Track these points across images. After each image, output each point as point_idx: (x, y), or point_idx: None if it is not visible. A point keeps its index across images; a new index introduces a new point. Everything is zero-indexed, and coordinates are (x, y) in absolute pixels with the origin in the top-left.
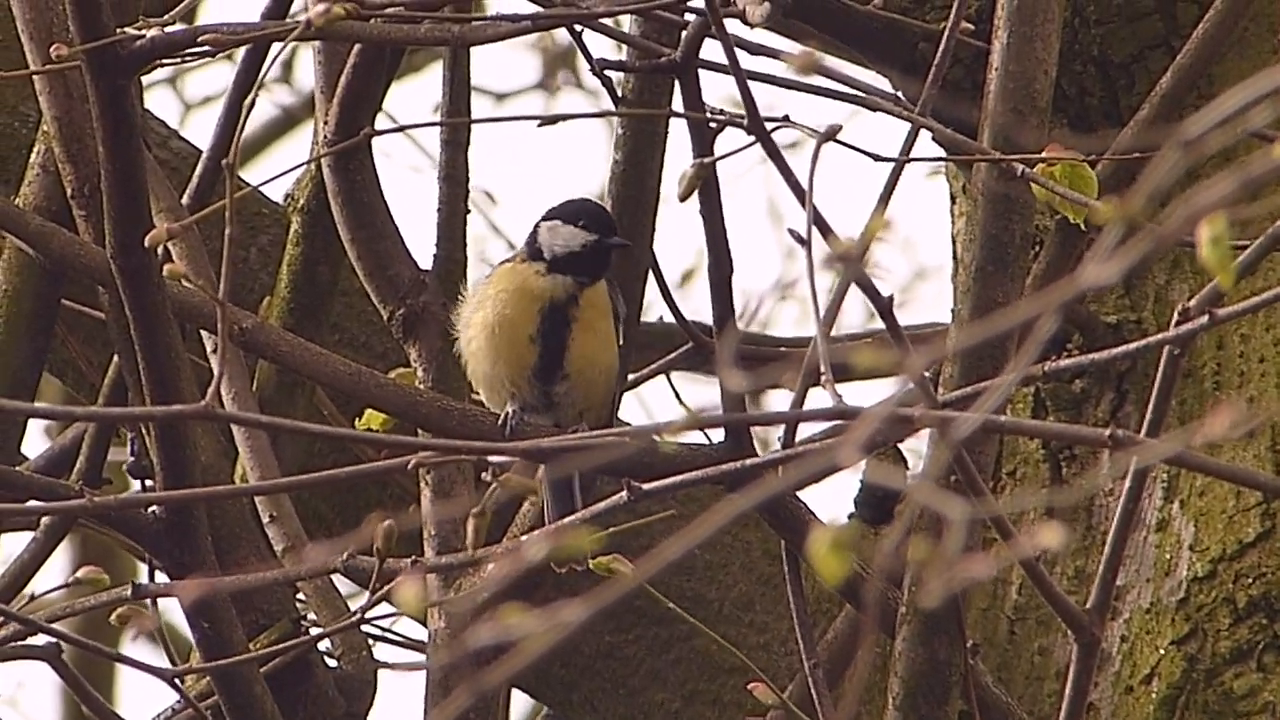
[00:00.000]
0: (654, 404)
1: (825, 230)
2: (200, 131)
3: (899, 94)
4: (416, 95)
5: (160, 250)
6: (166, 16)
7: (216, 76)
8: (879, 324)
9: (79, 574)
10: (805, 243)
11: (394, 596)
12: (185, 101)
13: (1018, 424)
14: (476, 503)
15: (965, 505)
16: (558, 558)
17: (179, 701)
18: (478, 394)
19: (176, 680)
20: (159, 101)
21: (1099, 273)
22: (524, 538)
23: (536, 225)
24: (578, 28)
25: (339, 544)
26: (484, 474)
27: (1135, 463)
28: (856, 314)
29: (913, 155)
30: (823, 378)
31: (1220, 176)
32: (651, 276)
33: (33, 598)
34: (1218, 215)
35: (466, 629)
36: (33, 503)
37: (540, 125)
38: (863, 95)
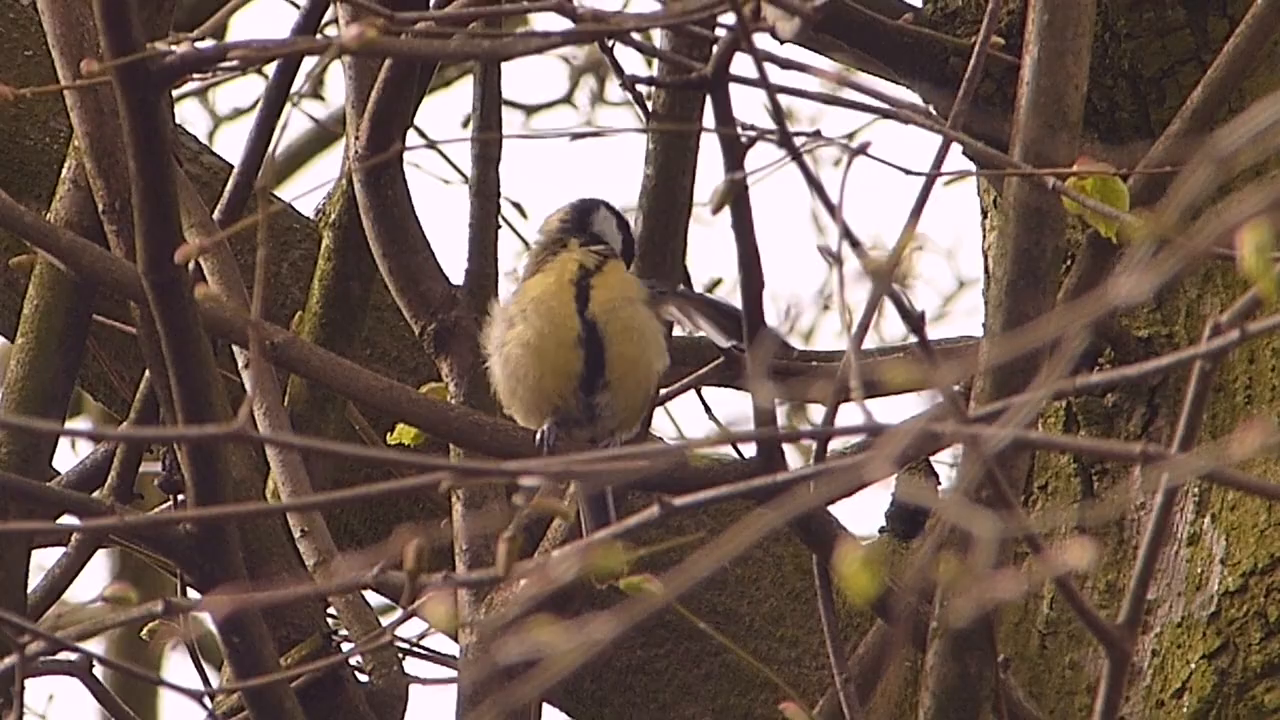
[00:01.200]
0: (685, 417)
1: (856, 244)
2: (230, 144)
3: (930, 108)
4: (448, 108)
5: (191, 265)
6: (196, 32)
7: (247, 89)
8: (913, 340)
9: (106, 592)
10: (836, 258)
11: (425, 613)
12: (215, 115)
13: (1048, 439)
14: (507, 521)
15: (995, 522)
16: (589, 575)
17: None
18: (508, 413)
19: (205, 700)
20: (189, 115)
21: (1131, 288)
22: (555, 553)
23: (558, 221)
24: (609, 42)
25: (370, 558)
26: (515, 494)
27: (1166, 479)
28: (897, 327)
29: (944, 169)
30: (853, 393)
31: (1252, 190)
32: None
33: (59, 616)
34: (1260, 223)
35: (497, 643)
36: (64, 520)
37: (572, 140)
38: (894, 109)
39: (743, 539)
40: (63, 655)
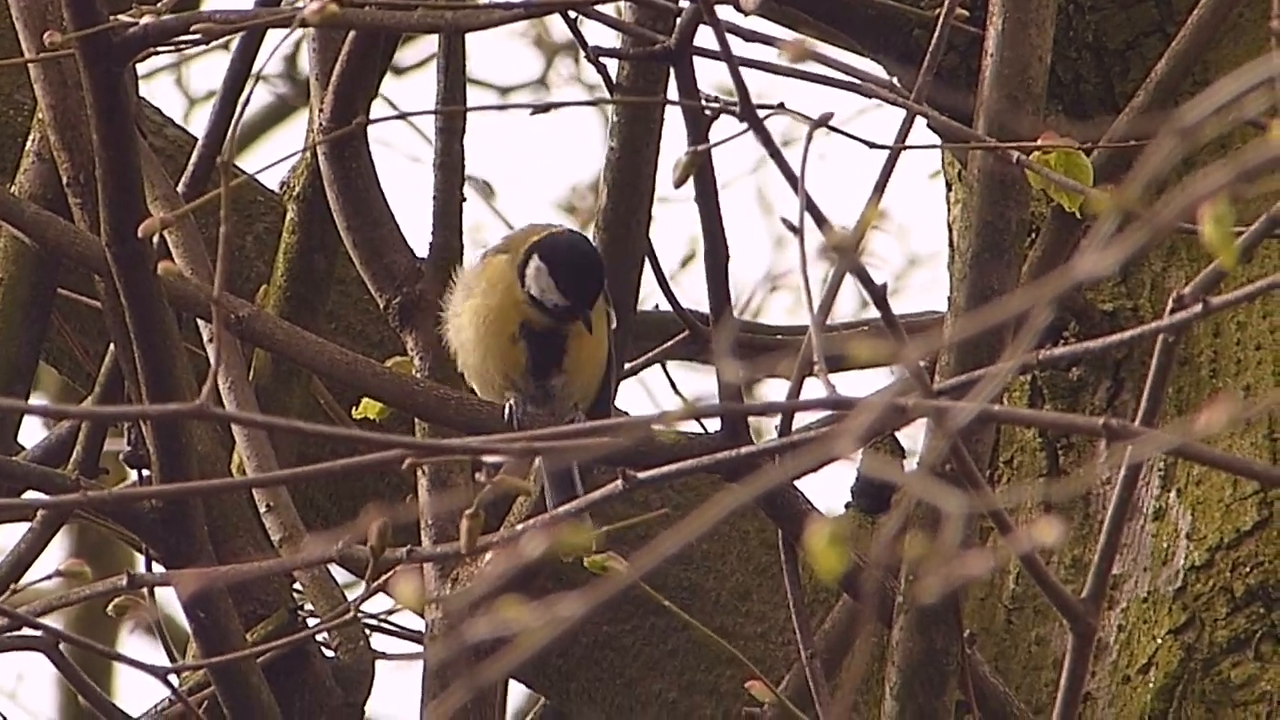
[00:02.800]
0: (653, 390)
1: (820, 219)
2: (201, 123)
3: (894, 81)
4: (421, 86)
5: (156, 239)
6: (161, 4)
7: (220, 70)
8: (872, 312)
9: (61, 567)
10: (798, 231)
11: (392, 591)
12: (189, 95)
13: (1012, 413)
14: (472, 497)
15: (962, 499)
16: (556, 553)
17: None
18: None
19: (170, 677)
20: (164, 96)
21: (1095, 263)
22: (520, 527)
23: (530, 250)
24: (572, 15)
25: (335, 536)
26: (479, 470)
27: (1130, 454)
28: (849, 302)
29: (908, 142)
30: (816, 368)
31: (1216, 164)
32: (648, 265)
33: (13, 590)
34: (1220, 197)
35: (464, 622)
36: (28, 495)
37: (533, 113)
38: (858, 82)
39: (709, 516)
40: (26, 632)
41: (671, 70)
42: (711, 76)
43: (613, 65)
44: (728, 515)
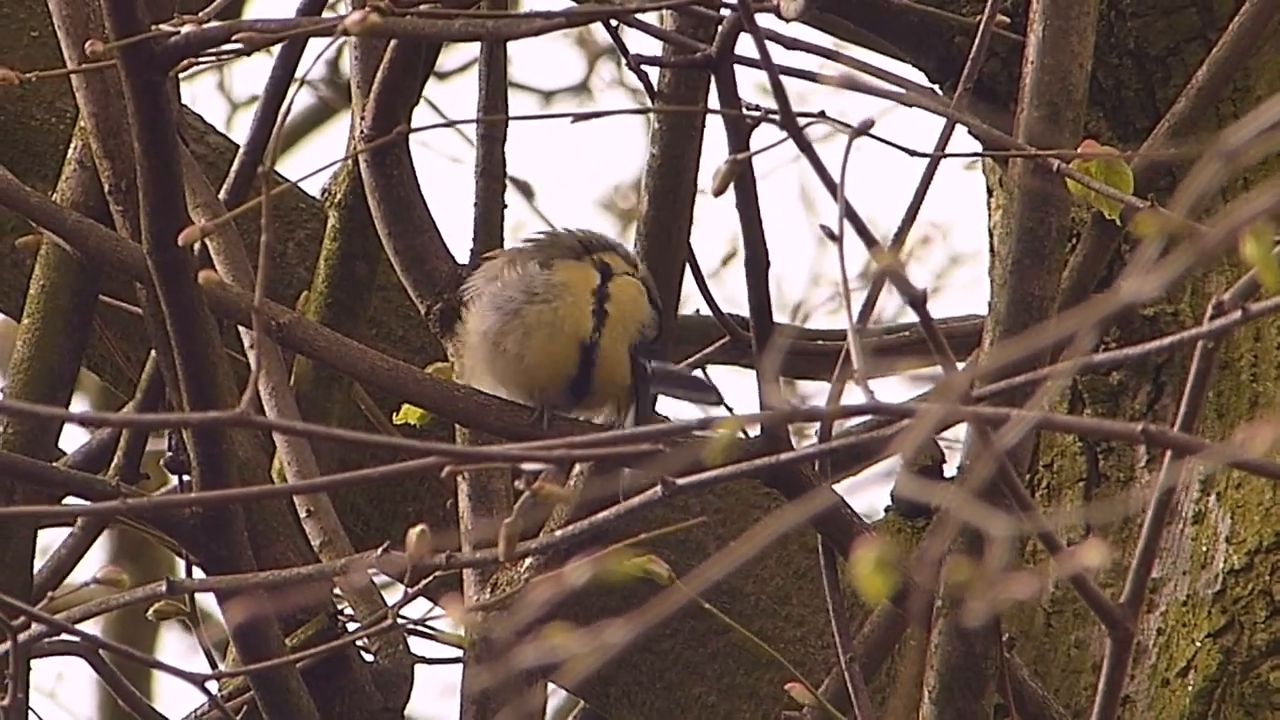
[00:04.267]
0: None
1: (859, 227)
2: (243, 127)
3: (935, 88)
4: (463, 90)
5: (197, 246)
6: (203, 14)
7: (263, 74)
8: (913, 315)
9: (99, 574)
10: (838, 239)
11: (441, 607)
12: (232, 100)
13: (1051, 419)
14: (511, 505)
15: (1008, 521)
16: (602, 579)
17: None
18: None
19: (207, 685)
20: (206, 100)
21: (1140, 286)
22: (559, 534)
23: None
24: (613, 23)
25: (375, 549)
26: (518, 479)
27: (1168, 465)
28: (891, 305)
29: (948, 150)
30: (856, 375)
31: (1262, 186)
32: (689, 270)
33: (52, 597)
34: (1262, 221)
35: (510, 648)
36: (68, 502)
37: (574, 122)
38: (898, 91)
39: (763, 537)
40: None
41: (712, 78)
42: (755, 81)
43: (654, 72)
44: (767, 519)
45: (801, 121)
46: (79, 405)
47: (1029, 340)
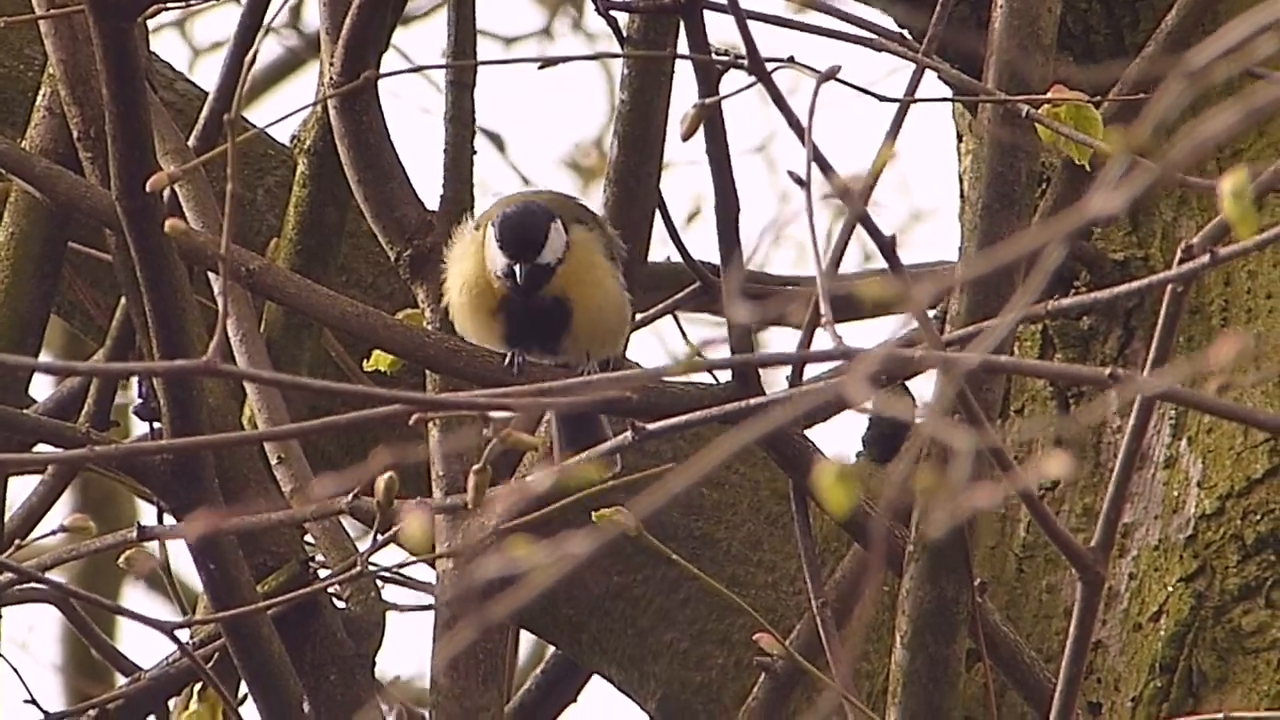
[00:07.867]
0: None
1: (826, 169)
2: (208, 76)
3: (904, 33)
4: (432, 34)
5: (166, 193)
6: None
7: (225, 22)
8: (876, 266)
9: (66, 522)
10: (804, 183)
11: (401, 531)
12: (194, 47)
13: (1017, 363)
14: (481, 449)
15: (971, 435)
16: (566, 489)
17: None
18: None
19: (176, 633)
20: (168, 47)
21: (1104, 203)
22: (530, 478)
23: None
24: None
25: (346, 482)
26: (487, 426)
27: (1136, 398)
28: (853, 257)
29: (917, 96)
30: (823, 318)
31: (1225, 107)
32: (659, 216)
33: (19, 545)
34: (1240, 169)
35: (473, 561)
36: (38, 449)
37: (541, 68)
38: (868, 36)
39: (715, 458)
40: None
41: (681, 23)
42: (724, 28)
43: (622, 18)
44: (737, 465)
45: (770, 67)
46: (48, 358)
47: (997, 255)
